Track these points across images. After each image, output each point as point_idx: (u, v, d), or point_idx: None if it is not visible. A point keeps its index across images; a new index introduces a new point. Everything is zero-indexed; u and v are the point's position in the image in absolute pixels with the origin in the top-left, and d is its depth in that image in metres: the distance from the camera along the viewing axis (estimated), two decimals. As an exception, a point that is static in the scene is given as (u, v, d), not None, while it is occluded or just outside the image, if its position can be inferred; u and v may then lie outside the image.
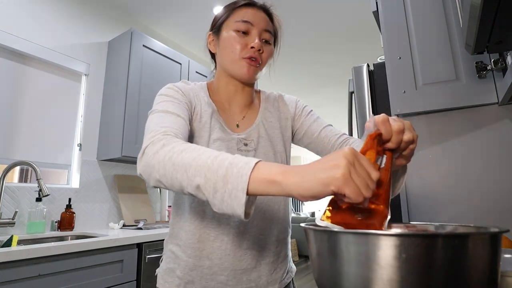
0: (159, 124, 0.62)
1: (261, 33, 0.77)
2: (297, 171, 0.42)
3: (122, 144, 2.01)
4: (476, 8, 0.64)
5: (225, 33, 0.78)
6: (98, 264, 1.41)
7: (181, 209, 0.77)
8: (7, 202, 1.69)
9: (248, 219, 0.47)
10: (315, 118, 0.87)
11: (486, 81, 1.01)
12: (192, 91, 0.78)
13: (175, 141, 0.55)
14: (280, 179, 0.42)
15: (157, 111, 0.67)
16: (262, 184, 0.44)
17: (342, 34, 2.97)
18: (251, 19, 0.76)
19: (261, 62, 0.77)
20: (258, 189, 0.44)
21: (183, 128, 0.65)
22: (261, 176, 0.44)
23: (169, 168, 0.51)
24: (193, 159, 0.49)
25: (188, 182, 0.49)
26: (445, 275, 0.32)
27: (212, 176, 0.46)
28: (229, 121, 0.81)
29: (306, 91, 4.49)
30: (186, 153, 0.51)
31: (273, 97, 0.90)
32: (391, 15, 1.20)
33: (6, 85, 1.82)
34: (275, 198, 0.79)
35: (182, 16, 2.64)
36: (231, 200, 0.45)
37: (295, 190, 0.41)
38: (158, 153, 0.54)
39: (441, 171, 1.06)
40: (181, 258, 0.75)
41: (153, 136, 0.58)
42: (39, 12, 1.99)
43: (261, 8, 0.80)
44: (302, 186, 0.41)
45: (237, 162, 0.46)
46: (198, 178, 0.48)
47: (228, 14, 0.79)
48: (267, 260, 0.76)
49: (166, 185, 0.53)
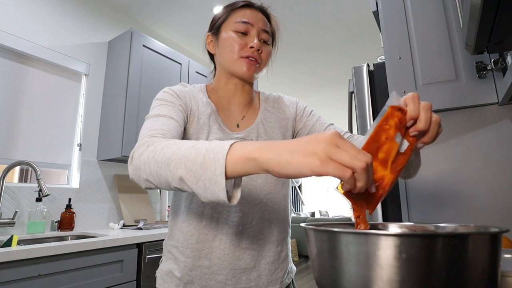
0: (150, 128, 0.63)
1: (259, 33, 0.77)
2: (273, 147, 0.42)
3: (122, 144, 2.01)
4: (476, 8, 0.64)
5: (224, 34, 0.78)
6: (98, 264, 1.41)
7: (179, 210, 0.78)
8: (7, 202, 1.69)
9: (234, 203, 0.46)
10: (317, 118, 0.88)
11: (486, 81, 1.01)
12: (188, 93, 0.78)
13: (158, 140, 0.56)
14: (255, 155, 0.42)
15: (150, 116, 0.69)
16: (239, 163, 0.43)
17: (342, 34, 2.97)
18: (249, 20, 0.77)
19: (260, 62, 0.78)
20: (236, 170, 0.43)
21: (174, 130, 0.66)
22: (236, 156, 0.43)
23: (154, 166, 0.52)
24: (173, 153, 0.50)
25: (171, 176, 0.49)
26: (445, 275, 0.32)
27: (192, 166, 0.46)
28: (229, 121, 0.81)
29: (306, 91, 4.49)
30: (167, 148, 0.51)
31: (272, 98, 0.90)
32: (391, 15, 1.20)
33: (6, 85, 1.82)
34: (274, 199, 0.79)
35: (182, 16, 2.64)
36: (213, 186, 0.44)
37: (270, 166, 0.41)
38: (143, 155, 0.55)
39: (441, 171, 1.06)
40: (179, 258, 0.75)
41: (140, 141, 0.60)
42: (39, 12, 1.99)
43: (259, 9, 0.81)
44: (278, 164, 0.40)
45: (213, 147, 0.46)
46: (179, 171, 0.48)
47: (227, 15, 0.80)
48: (267, 260, 0.77)
49: (154, 183, 0.53)
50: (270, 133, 0.83)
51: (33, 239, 1.63)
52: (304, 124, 0.87)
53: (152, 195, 2.52)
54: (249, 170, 0.43)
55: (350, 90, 1.67)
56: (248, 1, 0.80)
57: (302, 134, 0.88)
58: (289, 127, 0.87)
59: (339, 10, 2.60)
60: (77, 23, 2.20)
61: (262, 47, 0.77)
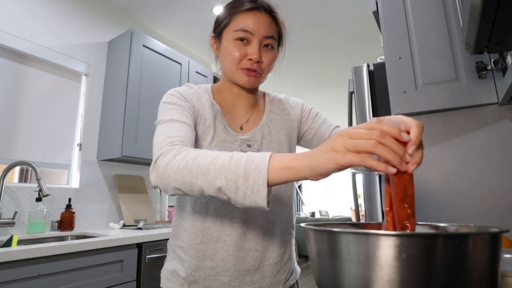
0: (166, 134, 0.64)
1: (261, 41, 0.74)
2: (306, 155, 0.47)
3: (122, 144, 2.01)
4: (476, 8, 0.64)
5: (225, 42, 0.76)
6: (98, 264, 1.41)
7: (184, 211, 0.78)
8: (7, 202, 1.69)
9: (268, 208, 0.51)
10: (323, 120, 0.88)
11: (486, 81, 1.01)
12: (194, 94, 0.78)
13: (185, 149, 0.58)
14: (293, 164, 0.48)
15: (163, 122, 0.69)
16: (279, 172, 0.48)
17: (342, 34, 2.97)
18: (251, 28, 0.73)
19: (261, 72, 0.76)
20: (276, 178, 0.49)
21: (189, 135, 0.67)
22: (276, 166, 0.49)
23: (187, 175, 0.54)
24: (210, 164, 0.53)
25: (208, 185, 0.52)
26: (445, 275, 0.32)
27: (233, 176, 0.50)
28: (234, 123, 0.81)
29: (306, 91, 4.49)
30: (201, 159, 0.54)
31: (278, 99, 0.89)
32: (391, 15, 1.20)
33: (6, 85, 1.82)
34: (279, 200, 0.79)
35: (182, 16, 2.64)
36: (254, 195, 0.49)
37: (307, 171, 0.46)
38: (170, 163, 0.57)
39: (441, 171, 1.06)
40: (184, 259, 0.75)
41: (162, 148, 0.61)
42: (39, 12, 1.99)
43: (265, 10, 0.75)
44: (311, 167, 0.46)
45: (253, 159, 0.50)
46: (219, 181, 0.51)
47: (229, 19, 0.76)
48: (270, 261, 0.77)
49: (185, 191, 0.56)
50: (275, 135, 0.82)
51: (33, 239, 1.63)
52: (310, 126, 0.87)
53: (152, 195, 2.52)
54: (287, 178, 0.48)
55: (350, 90, 1.67)
56: (252, 4, 0.75)
57: (308, 136, 0.87)
58: (294, 129, 0.86)
59: (339, 10, 2.60)
60: (77, 23, 2.20)
61: (263, 55, 0.74)
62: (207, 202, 0.74)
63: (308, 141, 0.88)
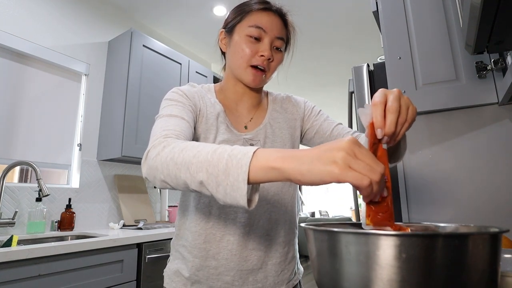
0: (162, 127, 0.63)
1: (273, 40, 0.75)
2: (295, 156, 0.42)
3: (122, 144, 2.01)
4: (476, 8, 0.64)
5: (237, 37, 0.76)
6: (98, 264, 1.41)
7: (187, 210, 0.78)
8: (7, 202, 1.69)
9: (252, 208, 0.47)
10: (325, 118, 0.88)
11: (486, 81, 1.01)
12: (197, 93, 0.78)
13: (175, 142, 0.56)
14: (278, 165, 0.43)
15: (162, 116, 0.69)
16: (262, 171, 0.44)
17: (342, 34, 2.97)
18: (264, 26, 0.74)
19: (268, 71, 0.77)
20: (258, 177, 0.44)
21: (186, 130, 0.66)
22: (259, 164, 0.44)
23: (172, 168, 0.52)
24: (194, 156, 0.50)
25: (191, 179, 0.49)
26: (445, 275, 0.32)
27: (214, 171, 0.47)
28: (237, 122, 0.81)
29: (306, 91, 4.49)
30: (187, 151, 0.52)
31: (280, 98, 0.90)
32: (391, 15, 1.20)
33: (6, 85, 1.82)
34: (281, 200, 0.79)
35: (182, 16, 2.64)
36: (234, 192, 0.45)
37: (293, 175, 0.42)
38: (159, 155, 0.55)
39: (441, 171, 1.06)
40: (187, 258, 0.75)
41: (155, 140, 0.59)
42: (39, 12, 1.99)
43: (277, 13, 0.77)
44: (300, 173, 0.41)
45: (236, 153, 0.46)
46: (200, 174, 0.48)
47: (242, 16, 0.77)
48: (273, 261, 0.77)
49: (171, 184, 0.54)
50: (278, 134, 0.82)
51: (33, 239, 1.63)
52: (312, 124, 0.87)
53: (152, 195, 2.52)
54: (271, 178, 0.44)
55: (350, 90, 1.67)
56: (265, 5, 0.77)
57: (310, 134, 0.87)
58: (297, 128, 0.87)
59: (339, 10, 2.60)
60: (77, 23, 2.20)
61: (273, 55, 0.76)
62: (210, 202, 0.74)
63: (310, 139, 0.88)
